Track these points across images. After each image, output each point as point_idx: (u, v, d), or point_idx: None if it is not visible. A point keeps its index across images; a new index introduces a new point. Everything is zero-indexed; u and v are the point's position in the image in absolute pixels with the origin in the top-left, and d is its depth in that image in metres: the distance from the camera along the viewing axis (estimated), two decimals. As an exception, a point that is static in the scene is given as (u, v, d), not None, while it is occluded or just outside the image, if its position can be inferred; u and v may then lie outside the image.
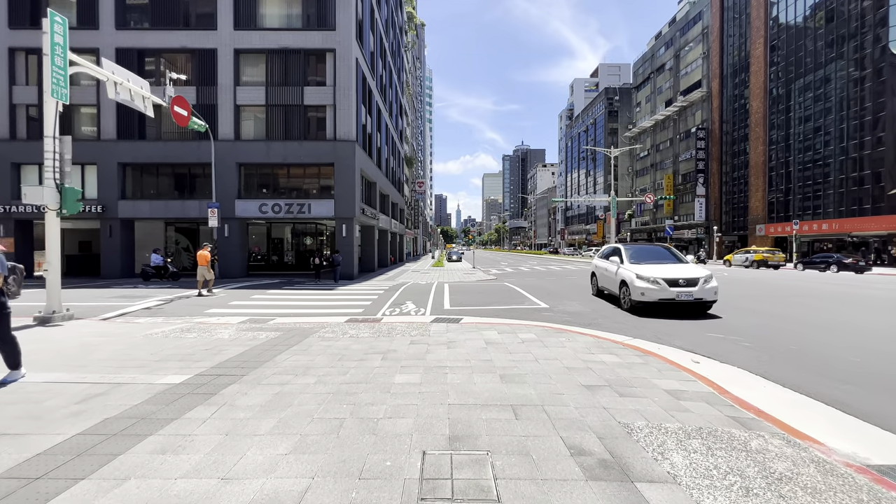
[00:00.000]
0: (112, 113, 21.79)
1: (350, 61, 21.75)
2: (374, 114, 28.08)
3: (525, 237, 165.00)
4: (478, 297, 13.25)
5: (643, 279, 9.44)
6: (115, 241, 21.94)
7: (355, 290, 15.37)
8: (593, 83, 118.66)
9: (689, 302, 9.15)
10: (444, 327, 7.94)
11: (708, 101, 53.76)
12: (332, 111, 21.90)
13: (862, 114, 33.82)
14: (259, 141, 21.87)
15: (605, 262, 12.05)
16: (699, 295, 9.10)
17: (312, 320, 8.95)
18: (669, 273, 9.48)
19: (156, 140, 22.15)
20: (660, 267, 9.94)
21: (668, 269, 9.72)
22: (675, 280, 9.23)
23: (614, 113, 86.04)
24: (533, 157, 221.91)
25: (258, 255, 26.28)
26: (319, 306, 11.40)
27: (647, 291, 9.26)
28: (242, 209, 21.81)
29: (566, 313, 9.85)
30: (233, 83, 21.81)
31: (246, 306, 11.36)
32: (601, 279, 12.24)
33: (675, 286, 9.17)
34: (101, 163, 21.81)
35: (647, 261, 10.47)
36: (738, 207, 49.80)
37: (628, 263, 10.43)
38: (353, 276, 21.64)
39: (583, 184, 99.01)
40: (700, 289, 9.14)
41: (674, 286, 9.16)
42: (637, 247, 11.39)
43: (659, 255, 11.00)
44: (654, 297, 9.20)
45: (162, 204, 22.03)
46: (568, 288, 15.75)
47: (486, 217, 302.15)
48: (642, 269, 9.86)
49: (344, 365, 5.27)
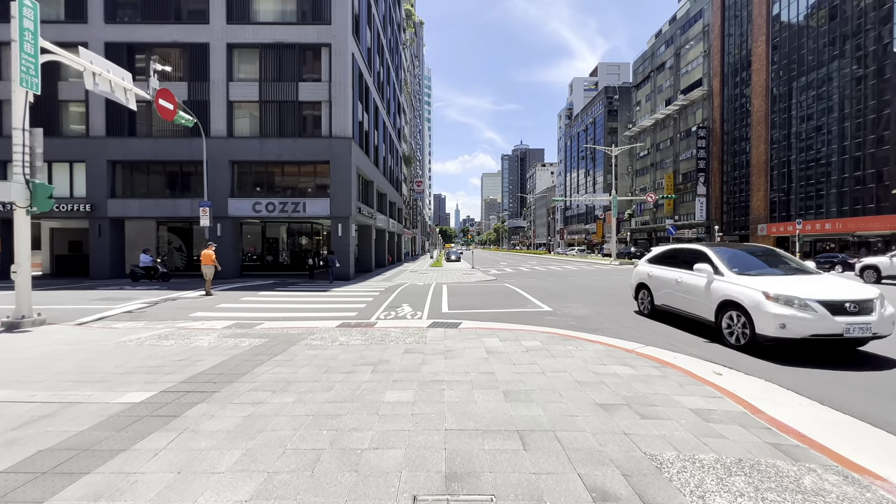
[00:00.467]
0: (101, 109, 21.20)
1: (346, 56, 21.20)
2: (370, 111, 27.53)
3: (524, 237, 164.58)
4: (477, 299, 12.72)
5: (781, 301, 5.87)
6: (104, 240, 21.35)
7: (351, 292, 14.83)
8: (592, 82, 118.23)
9: (862, 339, 5.71)
10: (441, 333, 7.41)
11: (709, 99, 53.33)
12: (327, 108, 21.35)
13: (865, 112, 33.41)
14: (252, 138, 21.30)
15: (672, 270, 8.39)
16: (878, 328, 5.64)
17: (302, 325, 8.42)
18: (823, 291, 5.91)
19: (146, 137, 21.56)
20: (793, 281, 6.40)
21: (812, 285, 6.17)
22: (840, 304, 5.71)
23: (614, 112, 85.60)
24: (532, 157, 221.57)
25: (253, 255, 25.72)
26: (312, 309, 10.85)
27: (793, 322, 5.68)
28: (235, 208, 21.25)
29: (571, 317, 9.33)
30: (225, 79, 21.24)
31: (234, 309, 10.81)
32: (663, 294, 8.63)
33: (842, 313, 5.66)
34: (89, 160, 21.21)
35: (755, 270, 7.02)
36: (739, 207, 49.39)
37: (732, 274, 6.86)
38: (349, 276, 21.10)
39: (582, 183, 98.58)
40: (879, 318, 5.68)
41: (839, 314, 5.66)
42: (733, 249, 7.70)
43: (768, 260, 7.50)
44: (803, 330, 5.65)
45: (153, 202, 21.45)
46: (570, 289, 15.23)
47: (484, 217, 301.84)
48: (767, 283, 6.30)
49: (329, 379, 4.74)
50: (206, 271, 13.76)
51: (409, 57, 64.46)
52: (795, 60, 40.38)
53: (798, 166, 40.06)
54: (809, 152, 38.64)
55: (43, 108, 21.17)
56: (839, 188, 35.84)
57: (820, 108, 37.72)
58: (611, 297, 12.67)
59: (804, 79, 39.34)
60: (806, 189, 39.17)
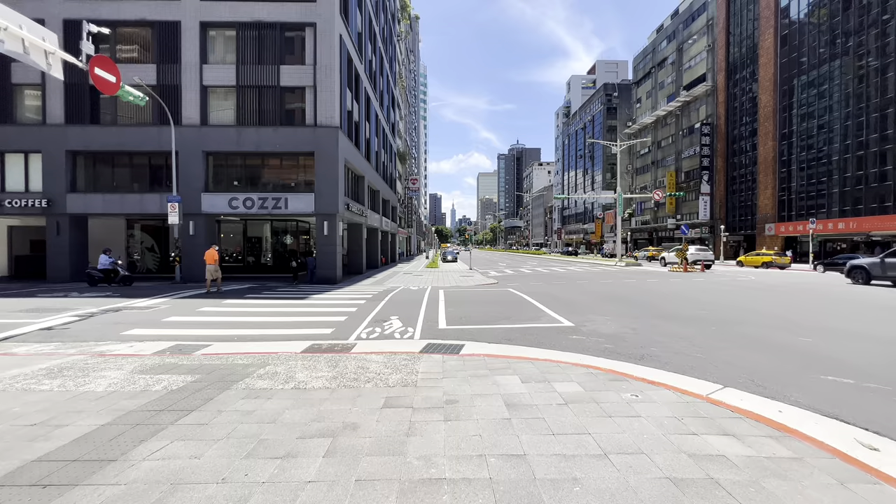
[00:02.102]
0: (59, 94, 19.07)
1: (332, 38, 19.21)
2: (361, 101, 25.54)
3: (521, 237, 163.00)
4: (480, 308, 10.80)
5: None
6: (63, 239, 19.21)
7: (333, 299, 12.86)
8: (590, 80, 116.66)
9: None
10: (438, 365, 5.49)
11: (713, 95, 51.74)
12: (311, 94, 19.34)
13: (883, 105, 31.82)
14: (229, 126, 19.25)
15: None
16: None
17: (259, 348, 6.47)
18: None
19: (111, 125, 19.45)
20: None
21: None
22: None
23: (613, 110, 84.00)
24: (528, 156, 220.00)
25: (235, 255, 23.66)
26: (280, 324, 8.89)
27: None
28: (210, 204, 19.20)
29: (601, 336, 7.43)
30: (199, 61, 19.17)
31: (184, 324, 8.82)
32: None
33: None
34: (46, 151, 19.07)
35: None
36: (745, 206, 47.82)
37: None
38: (335, 280, 19.11)
39: (580, 182, 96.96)
40: None
41: None
42: None
43: None
44: None
45: (117, 198, 19.33)
46: (585, 297, 13.34)
47: (480, 216, 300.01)
48: None
49: (250, 475, 2.79)
50: (209, 270, 14.46)
51: (405, 50, 62.43)
52: (806, 53, 38.80)
53: (808, 163, 38.47)
54: (821, 149, 37.05)
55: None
56: (854, 186, 34.26)
57: (832, 102, 36.13)
58: (636, 307, 10.79)
59: (816, 72, 37.75)
60: (817, 187, 37.59)
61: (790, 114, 40.51)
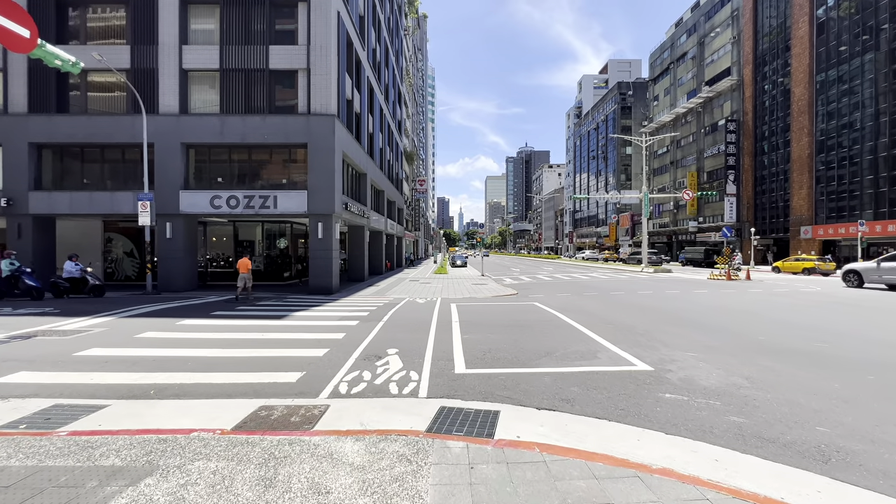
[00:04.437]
0: (23, 78, 16.93)
1: (329, 13, 16.86)
2: (364, 90, 23.17)
3: (529, 240, 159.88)
4: (508, 335, 8.20)
5: None
6: (25, 243, 16.99)
7: (320, 317, 10.37)
8: (603, 80, 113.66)
9: None
10: (463, 475, 2.93)
11: (739, 90, 48.65)
12: (305, 77, 17.00)
13: (941, 95, 28.68)
14: (211, 115, 16.96)
15: None
16: None
17: (170, 419, 4.00)
18: None
19: (81, 114, 17.25)
20: None
21: None
22: None
23: (627, 109, 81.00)
24: (537, 159, 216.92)
25: (222, 260, 21.31)
26: (232, 362, 6.41)
27: None
28: (189, 203, 16.88)
29: (707, 393, 4.79)
30: (177, 41, 16.93)
31: (97, 363, 6.37)
32: None
33: None
34: (7, 143, 16.93)
35: None
36: (775, 207, 44.58)
37: None
38: (330, 289, 16.64)
39: (592, 184, 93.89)
40: None
41: None
42: None
43: None
44: None
45: (85, 196, 17.09)
46: (634, 315, 10.69)
47: (489, 220, 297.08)
48: None
49: None
50: (242, 278, 14.15)
51: (412, 47, 60.27)
52: (847, 41, 35.71)
53: (851, 160, 35.28)
54: (866, 143, 33.86)
55: (-51, 78, 16.97)
56: (905, 184, 31.06)
57: (878, 92, 32.99)
58: (717, 334, 8.13)
59: (858, 60, 34.63)
60: (861, 185, 34.38)
61: (828, 107, 37.38)
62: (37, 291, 13.90)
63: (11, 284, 13.92)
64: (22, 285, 13.86)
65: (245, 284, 14.31)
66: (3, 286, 13.81)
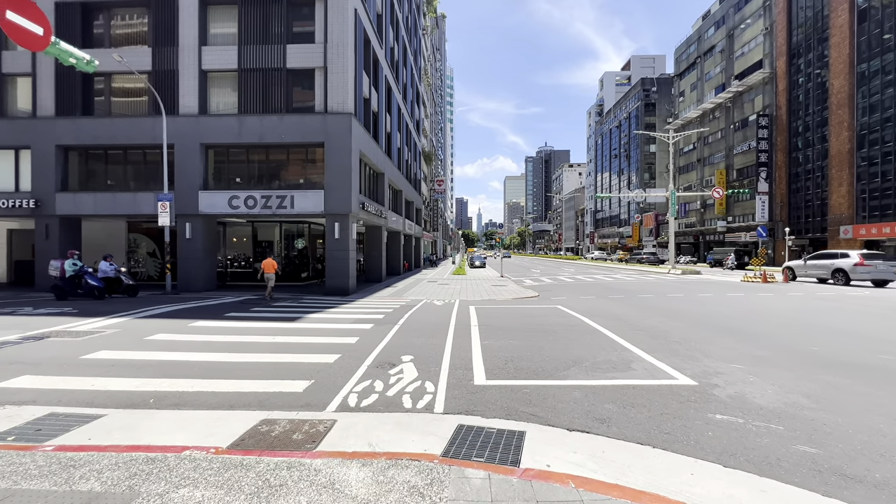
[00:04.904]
0: (50, 82, 17.31)
1: (346, 11, 16.63)
2: (381, 89, 22.92)
3: (549, 241, 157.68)
4: (531, 342, 7.66)
5: None
6: (52, 244, 17.36)
7: (335, 320, 10.04)
8: (625, 77, 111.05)
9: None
10: None
11: (771, 83, 46.46)
12: (322, 76, 16.81)
13: None
14: (229, 115, 16.95)
15: None
16: None
17: (165, 434, 3.64)
18: None
19: (104, 116, 17.53)
20: None
21: None
22: None
23: (651, 105, 78.75)
24: (557, 159, 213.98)
25: (242, 261, 21.38)
26: (239, 368, 6.11)
27: None
28: (208, 203, 16.91)
29: (764, 414, 4.17)
30: (197, 42, 17.00)
31: (103, 366, 6.16)
32: None
33: None
34: (35, 146, 17.33)
35: None
36: (812, 206, 42.32)
37: None
38: (347, 290, 16.38)
39: (615, 183, 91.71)
40: None
41: None
42: None
43: None
44: None
45: (108, 197, 17.34)
46: (667, 320, 9.97)
47: (507, 220, 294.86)
48: None
49: None
50: (268, 278, 14.36)
51: (430, 47, 60.03)
52: (890, 28, 33.52)
53: (895, 155, 33.10)
54: (914, 137, 31.69)
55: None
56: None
57: (927, 83, 30.83)
58: (763, 342, 7.39)
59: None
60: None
61: (870, 99, 35.20)
62: (98, 291, 14.19)
63: (75, 284, 14.23)
64: (84, 285, 14.18)
65: (270, 284, 14.53)
66: (67, 286, 14.12)
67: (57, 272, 14.16)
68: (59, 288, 14.03)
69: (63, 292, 14.02)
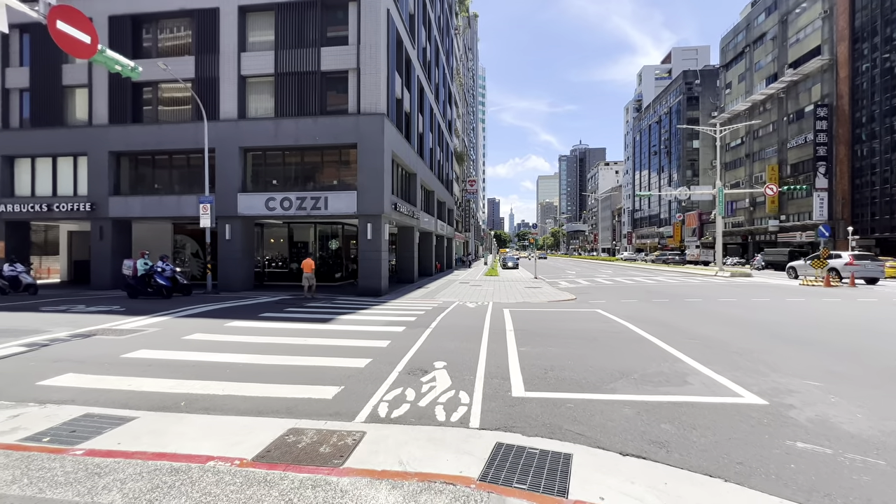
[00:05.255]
0: (104, 92, 18.34)
1: (379, 12, 16.61)
2: (414, 90, 22.86)
3: (584, 241, 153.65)
4: (571, 349, 7.19)
5: None
6: (105, 245, 18.39)
7: (367, 321, 9.92)
8: (665, 70, 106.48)
9: None
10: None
11: (831, 70, 42.97)
12: (355, 77, 16.87)
13: None
14: (266, 119, 17.34)
15: None
16: None
17: (192, 441, 3.52)
18: None
19: (152, 123, 18.39)
20: None
21: None
22: None
23: (694, 99, 74.99)
24: (592, 157, 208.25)
25: (279, 261, 21.86)
26: (269, 371, 6.04)
27: None
28: (247, 205, 17.36)
29: (858, 445, 3.56)
30: (236, 49, 17.50)
31: (139, 366, 6.25)
32: None
33: None
34: (91, 152, 18.40)
35: None
36: (877, 203, 38.78)
37: None
38: (379, 291, 16.34)
39: (654, 181, 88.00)
40: None
41: None
42: None
43: None
44: None
45: (155, 200, 18.17)
46: (722, 328, 9.18)
47: (540, 220, 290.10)
48: None
49: None
50: (306, 278, 15.11)
51: (462, 47, 59.78)
52: (975, 5, 30.14)
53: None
54: None
55: (45, 95, 18.78)
56: None
57: None
58: (838, 355, 6.58)
59: None
60: None
61: (950, 84, 31.78)
62: (166, 290, 14.76)
63: (145, 283, 14.89)
64: (154, 284, 14.79)
65: (308, 284, 15.07)
66: (138, 284, 14.79)
67: (130, 271, 14.78)
68: (131, 286, 14.67)
69: (135, 290, 14.66)
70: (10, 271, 15.65)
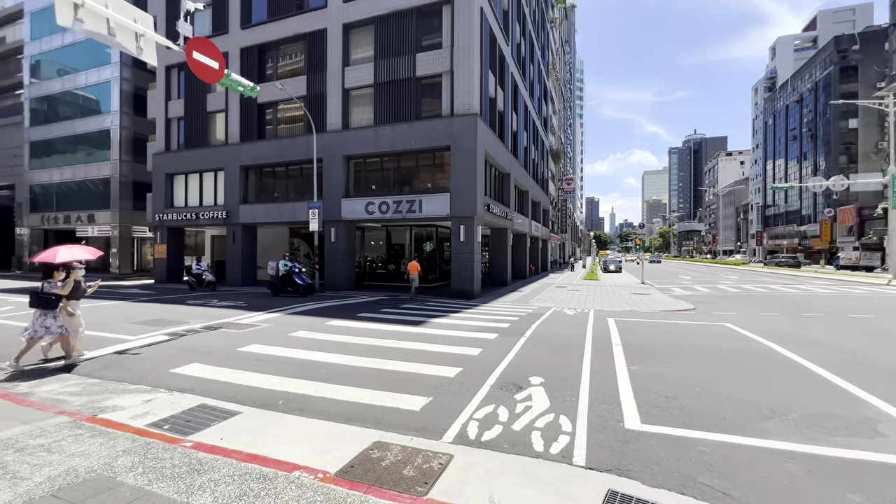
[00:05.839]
0: (237, 115, 21.10)
1: (471, 11, 16.43)
2: (507, 88, 22.29)
3: (700, 242, 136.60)
4: (699, 374, 6.02)
5: None
6: (237, 247, 21.15)
7: (458, 326, 9.67)
8: (808, 39, 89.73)
9: None
10: None
11: None
12: (448, 80, 16.90)
13: None
14: (366, 128, 18.27)
15: None
16: None
17: (284, 445, 3.53)
18: None
19: (273, 139, 20.66)
20: None
21: None
22: None
23: (851, 69, 61.67)
24: (710, 147, 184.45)
25: (379, 262, 23.00)
26: (361, 375, 6.05)
27: None
28: (349, 210, 18.49)
29: None
30: (341, 64, 18.76)
31: (251, 360, 6.74)
32: None
33: None
34: (227, 167, 21.31)
35: None
36: None
37: None
38: (472, 294, 16.10)
39: (792, 171, 74.50)
40: None
41: None
42: None
43: None
44: None
45: (275, 207, 20.34)
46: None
47: (647, 220, 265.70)
48: None
49: None
50: (412, 279, 15.76)
51: (559, 40, 57.28)
52: None
53: None
54: None
55: (195, 121, 22.25)
56: None
57: None
58: None
59: None
60: None
61: None
62: (303, 289, 16.11)
63: (286, 282, 16.49)
64: (293, 283, 16.29)
65: (415, 285, 15.75)
66: (280, 283, 16.39)
67: (273, 271, 16.64)
68: (274, 285, 16.51)
69: (277, 289, 16.44)
70: (197, 269, 18.86)
